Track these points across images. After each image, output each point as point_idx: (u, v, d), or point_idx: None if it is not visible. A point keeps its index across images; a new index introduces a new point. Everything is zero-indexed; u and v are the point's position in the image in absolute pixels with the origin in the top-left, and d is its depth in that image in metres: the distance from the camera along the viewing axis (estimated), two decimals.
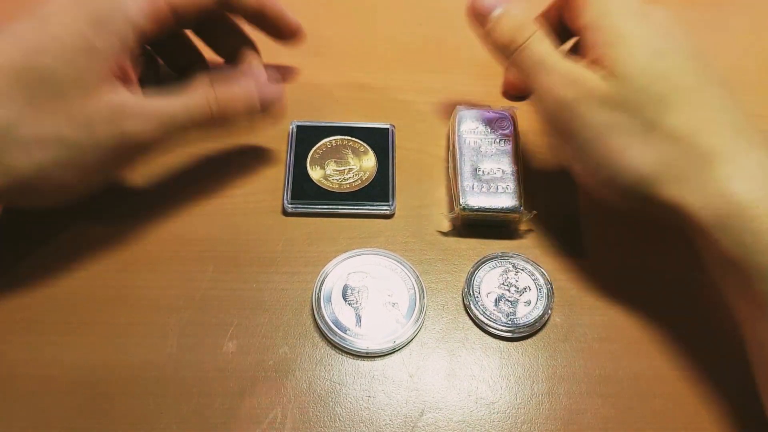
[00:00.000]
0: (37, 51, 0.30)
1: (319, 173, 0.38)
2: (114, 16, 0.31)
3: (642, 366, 0.33)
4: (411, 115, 0.41)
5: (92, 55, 0.31)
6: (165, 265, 0.34)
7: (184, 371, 0.31)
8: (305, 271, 0.35)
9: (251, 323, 0.33)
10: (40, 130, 0.30)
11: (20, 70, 0.30)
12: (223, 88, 0.34)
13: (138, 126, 0.31)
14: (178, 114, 0.32)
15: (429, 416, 0.31)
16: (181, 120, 0.32)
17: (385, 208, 0.37)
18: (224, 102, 0.34)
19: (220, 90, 0.33)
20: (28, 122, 0.29)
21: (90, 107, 0.30)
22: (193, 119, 0.33)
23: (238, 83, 0.35)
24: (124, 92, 0.32)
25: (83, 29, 0.31)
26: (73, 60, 0.30)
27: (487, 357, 0.33)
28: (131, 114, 0.31)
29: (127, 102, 0.31)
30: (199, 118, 0.33)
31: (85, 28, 0.31)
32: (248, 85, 0.35)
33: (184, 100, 0.33)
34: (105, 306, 0.33)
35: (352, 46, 0.46)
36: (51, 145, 0.30)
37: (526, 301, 0.34)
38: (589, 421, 0.31)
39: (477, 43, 0.38)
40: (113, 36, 0.31)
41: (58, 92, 0.30)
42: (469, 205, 0.36)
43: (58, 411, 0.30)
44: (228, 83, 0.34)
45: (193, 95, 0.33)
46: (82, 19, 0.31)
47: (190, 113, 0.33)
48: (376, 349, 0.32)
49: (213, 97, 0.33)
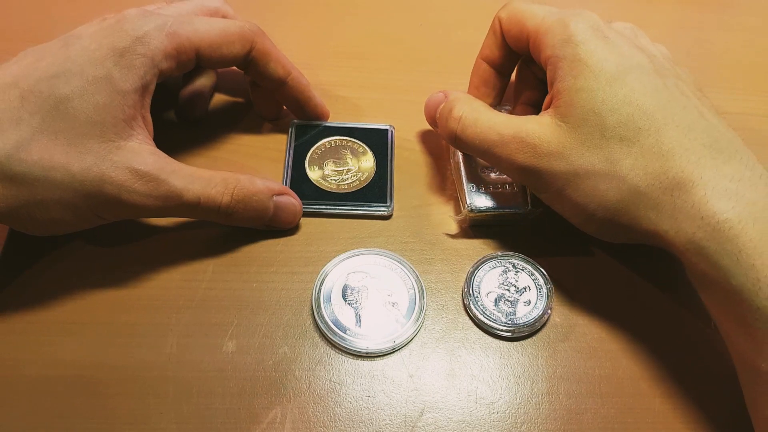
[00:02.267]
0: (56, 76, 0.29)
1: (318, 173, 0.38)
2: (137, 51, 0.30)
3: (642, 366, 0.33)
4: (411, 115, 0.41)
5: (112, 92, 0.30)
6: (165, 265, 0.34)
7: (184, 371, 0.31)
8: (305, 270, 0.35)
9: (251, 323, 0.33)
10: (49, 163, 0.29)
11: (37, 94, 0.29)
12: (242, 192, 0.33)
13: (142, 196, 0.30)
14: (186, 195, 0.31)
15: (429, 416, 0.31)
16: (186, 203, 0.31)
17: (383, 209, 0.37)
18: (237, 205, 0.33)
19: (238, 194, 0.33)
20: (37, 150, 0.28)
21: (104, 153, 0.29)
22: (197, 207, 0.32)
23: (258, 195, 0.33)
24: (140, 144, 0.31)
25: (105, 60, 0.30)
26: (91, 94, 0.29)
27: (487, 357, 0.33)
28: (142, 176, 0.30)
29: (140, 159, 0.30)
30: (204, 209, 0.32)
31: (107, 59, 0.30)
32: (266, 202, 0.34)
33: (198, 188, 0.31)
34: (105, 306, 0.33)
35: (351, 46, 0.46)
36: (55, 182, 0.29)
37: (526, 300, 0.34)
38: (589, 421, 0.31)
39: (477, 43, 0.39)
40: (134, 74, 0.30)
41: (73, 127, 0.29)
42: (476, 207, 0.36)
43: (58, 411, 0.30)
44: (249, 192, 0.33)
45: (209, 185, 0.32)
46: (105, 49, 0.30)
47: (199, 200, 0.32)
48: (375, 349, 0.32)
49: (228, 200, 0.32)
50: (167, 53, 0.31)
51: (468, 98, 0.35)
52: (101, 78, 0.30)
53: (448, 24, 0.47)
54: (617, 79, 0.30)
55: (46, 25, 0.45)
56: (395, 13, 0.48)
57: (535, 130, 0.31)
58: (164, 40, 0.31)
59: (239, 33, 0.34)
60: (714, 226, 0.27)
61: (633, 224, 0.30)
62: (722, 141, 0.29)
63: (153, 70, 0.31)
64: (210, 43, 0.33)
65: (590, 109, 0.30)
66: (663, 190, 0.29)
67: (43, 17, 0.46)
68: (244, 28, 0.34)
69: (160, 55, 0.31)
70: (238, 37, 0.34)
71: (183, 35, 0.32)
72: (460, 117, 0.34)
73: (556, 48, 0.31)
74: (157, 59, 0.31)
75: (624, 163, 0.29)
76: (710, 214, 0.27)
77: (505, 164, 0.32)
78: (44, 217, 0.30)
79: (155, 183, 0.30)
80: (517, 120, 0.32)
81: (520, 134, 0.31)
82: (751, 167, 0.29)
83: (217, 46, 0.33)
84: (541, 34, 0.33)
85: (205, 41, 0.33)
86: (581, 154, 0.30)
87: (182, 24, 0.32)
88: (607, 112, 0.30)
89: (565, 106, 0.31)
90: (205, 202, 0.32)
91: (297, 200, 0.36)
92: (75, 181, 0.29)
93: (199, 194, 0.32)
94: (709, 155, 0.29)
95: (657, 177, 0.29)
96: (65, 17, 0.46)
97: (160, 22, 0.32)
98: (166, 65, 0.32)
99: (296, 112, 0.39)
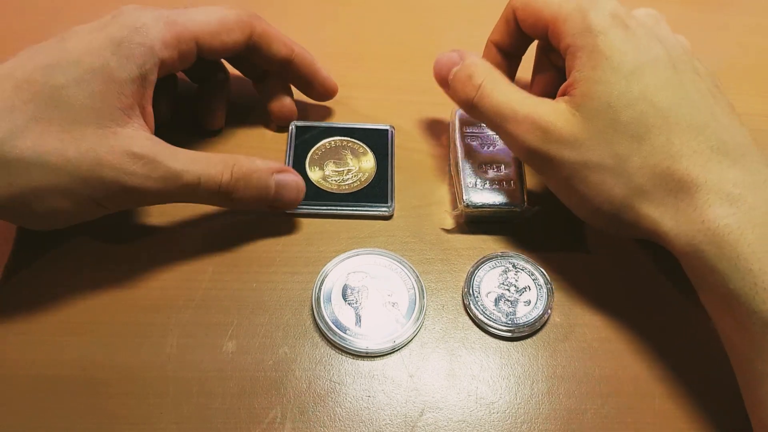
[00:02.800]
0: (51, 66, 0.29)
1: (318, 174, 0.38)
2: (135, 41, 0.30)
3: (642, 366, 0.33)
4: (411, 115, 0.41)
5: (108, 81, 0.29)
6: (165, 265, 0.34)
7: (184, 371, 0.31)
8: (305, 270, 0.35)
9: (251, 323, 0.33)
10: (43, 148, 0.28)
11: (32, 83, 0.29)
12: (241, 170, 0.32)
13: (141, 177, 0.30)
14: (185, 176, 0.31)
15: (429, 416, 0.31)
16: (186, 183, 0.31)
17: (384, 210, 0.37)
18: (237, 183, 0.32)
19: (237, 171, 0.32)
20: (32, 137, 0.28)
21: (99, 138, 0.29)
22: (198, 189, 0.31)
23: (258, 173, 0.33)
24: (136, 131, 0.30)
25: (102, 50, 0.30)
26: (87, 82, 0.29)
27: (487, 357, 0.33)
28: (139, 158, 0.30)
29: (137, 143, 0.30)
30: (205, 190, 0.32)
31: (104, 49, 0.30)
32: (267, 180, 0.33)
33: (198, 168, 0.31)
34: (105, 306, 0.33)
35: (351, 46, 0.46)
36: (50, 167, 0.28)
37: (526, 300, 0.34)
38: (589, 421, 0.31)
39: (478, 43, 0.39)
40: (132, 63, 0.30)
41: (68, 114, 0.29)
42: (473, 202, 0.36)
43: (58, 411, 0.30)
44: (249, 170, 0.33)
45: (209, 165, 0.32)
46: (102, 39, 0.30)
47: (199, 180, 0.31)
48: (375, 349, 0.32)
49: (228, 178, 0.32)
50: (166, 42, 0.31)
51: (487, 65, 0.34)
52: (98, 67, 0.29)
53: (449, 24, 0.47)
54: (634, 73, 0.30)
55: (47, 25, 0.45)
56: (395, 13, 0.48)
57: (549, 114, 0.31)
58: (162, 29, 0.31)
59: (237, 19, 0.34)
60: (714, 230, 0.27)
61: (636, 221, 0.30)
62: (730, 143, 0.29)
63: (152, 59, 0.31)
64: (209, 31, 0.33)
65: (606, 103, 0.30)
66: (668, 191, 0.29)
67: (43, 18, 0.46)
68: (241, 13, 0.35)
69: (158, 44, 0.31)
70: (236, 23, 0.34)
71: (180, 23, 0.32)
72: (479, 85, 0.33)
73: (576, 37, 0.31)
74: (156, 48, 0.31)
75: (633, 161, 0.29)
76: (711, 218, 0.27)
77: (515, 142, 0.32)
78: (42, 208, 0.29)
79: (153, 164, 0.30)
80: (533, 100, 0.32)
81: (532, 115, 0.31)
82: (756, 171, 0.29)
83: (217, 34, 0.33)
84: (560, 23, 0.32)
85: (204, 30, 0.33)
86: (591, 146, 0.30)
87: (180, 14, 0.33)
88: (622, 107, 0.30)
89: (581, 96, 0.30)
90: (206, 181, 0.31)
91: (298, 177, 0.35)
92: (71, 165, 0.29)
93: (199, 174, 0.31)
94: (715, 159, 0.29)
95: (663, 178, 0.29)
96: (65, 18, 0.46)
97: (157, 13, 0.32)
98: (167, 54, 0.32)
99: (305, 89, 0.40)
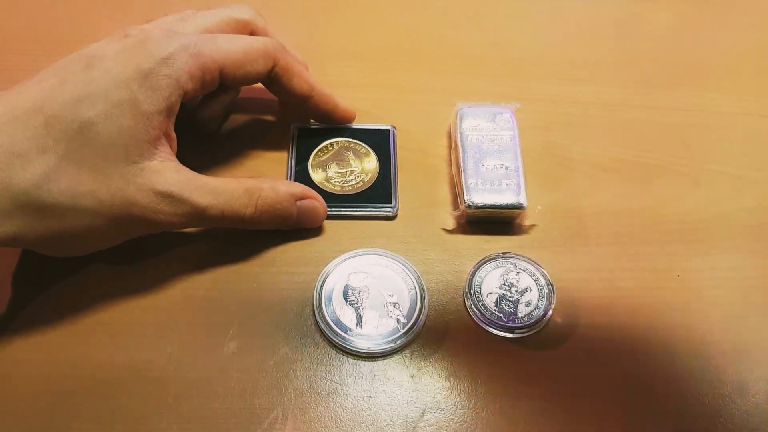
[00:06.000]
0: (80, 100, 0.29)
1: (321, 175, 0.38)
2: (162, 73, 0.30)
3: (642, 366, 0.33)
4: (411, 116, 0.41)
5: (137, 115, 0.29)
6: (165, 266, 0.34)
7: (184, 371, 0.31)
8: (306, 271, 0.35)
9: (252, 323, 0.33)
10: (77, 190, 0.28)
11: (61, 120, 0.28)
12: (265, 203, 0.33)
13: (168, 215, 0.31)
14: (210, 211, 0.31)
15: (430, 416, 0.31)
16: (210, 217, 0.32)
17: (388, 210, 0.37)
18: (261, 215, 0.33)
19: (261, 205, 0.33)
20: (65, 180, 0.28)
21: (129, 176, 0.29)
22: (222, 220, 0.32)
23: (282, 203, 0.34)
24: (163, 162, 0.31)
25: (130, 83, 0.29)
26: (116, 117, 0.29)
27: (488, 358, 0.33)
28: (167, 197, 0.30)
29: (164, 179, 0.30)
30: (229, 221, 0.32)
31: (131, 81, 0.29)
32: (290, 209, 0.34)
33: (221, 202, 0.32)
34: (105, 306, 0.33)
35: (352, 45, 0.46)
36: (84, 211, 0.29)
37: (527, 301, 0.34)
38: (590, 421, 0.31)
39: (477, 43, 0.39)
40: (159, 95, 0.30)
41: (98, 152, 0.29)
42: (474, 202, 0.36)
43: (59, 411, 0.30)
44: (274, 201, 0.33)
45: (232, 199, 0.32)
46: (130, 71, 0.30)
47: (223, 214, 0.32)
48: (377, 350, 0.32)
49: (252, 212, 0.33)
50: (192, 74, 0.31)
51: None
52: (126, 101, 0.29)
53: (449, 24, 0.47)
54: None
55: (47, 25, 0.45)
56: (395, 13, 0.48)
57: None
58: (189, 60, 0.31)
59: (263, 50, 0.34)
60: None
61: None
62: None
63: (178, 91, 0.31)
64: (233, 61, 0.33)
65: None
66: None
67: (45, 18, 0.46)
68: (267, 44, 0.34)
69: (185, 76, 0.31)
70: (261, 54, 0.34)
71: (207, 55, 0.32)
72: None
73: None
74: (182, 80, 0.31)
75: None
76: None
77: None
78: (74, 244, 0.31)
79: (180, 202, 0.31)
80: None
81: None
82: None
83: (241, 64, 0.33)
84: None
85: (228, 60, 0.33)
86: None
87: (206, 43, 0.32)
88: None
89: None
90: (229, 215, 0.32)
91: (321, 202, 0.36)
92: (103, 207, 0.29)
93: (223, 209, 0.32)
94: None
95: None
96: (66, 17, 0.46)
97: (185, 42, 0.31)
98: (191, 86, 0.31)
99: (323, 120, 0.40)
